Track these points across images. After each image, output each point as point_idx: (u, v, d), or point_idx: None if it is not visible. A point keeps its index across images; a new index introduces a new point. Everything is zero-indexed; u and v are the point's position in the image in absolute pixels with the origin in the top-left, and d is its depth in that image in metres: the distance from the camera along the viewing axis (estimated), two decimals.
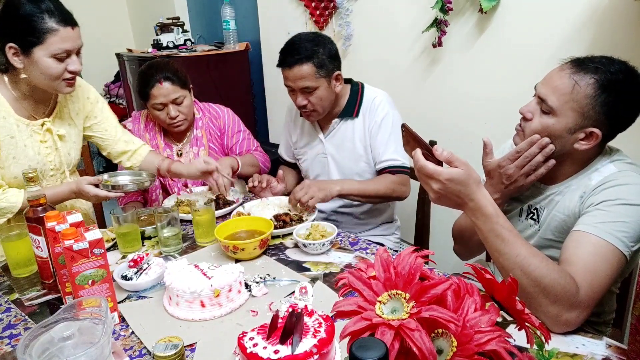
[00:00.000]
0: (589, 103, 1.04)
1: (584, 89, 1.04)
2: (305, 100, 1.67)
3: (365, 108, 1.75)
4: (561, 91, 1.06)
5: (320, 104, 1.69)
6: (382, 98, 1.76)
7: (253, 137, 2.09)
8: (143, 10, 4.01)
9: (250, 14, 3.02)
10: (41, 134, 1.51)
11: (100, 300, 0.92)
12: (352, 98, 1.77)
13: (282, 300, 1.15)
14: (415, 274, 0.70)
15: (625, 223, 0.99)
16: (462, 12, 1.95)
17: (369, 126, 1.74)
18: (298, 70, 1.62)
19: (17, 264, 1.32)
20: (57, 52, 1.37)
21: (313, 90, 1.65)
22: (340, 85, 1.72)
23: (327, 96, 1.69)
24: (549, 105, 1.07)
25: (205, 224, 1.47)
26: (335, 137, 1.80)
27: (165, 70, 1.82)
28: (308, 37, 1.66)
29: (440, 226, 2.05)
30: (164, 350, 0.86)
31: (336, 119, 1.78)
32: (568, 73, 1.06)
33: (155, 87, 1.79)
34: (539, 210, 1.20)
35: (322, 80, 1.65)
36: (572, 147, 1.09)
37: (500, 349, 0.64)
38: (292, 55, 1.62)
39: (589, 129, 1.05)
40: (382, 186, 1.69)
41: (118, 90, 4.00)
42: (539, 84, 1.13)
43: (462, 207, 0.97)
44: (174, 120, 1.84)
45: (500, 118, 1.94)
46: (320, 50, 1.63)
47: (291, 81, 1.66)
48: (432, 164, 0.93)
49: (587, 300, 0.95)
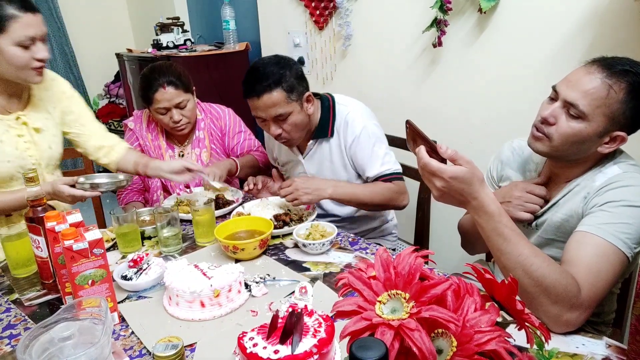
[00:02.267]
0: (620, 108, 1.02)
1: (617, 94, 1.02)
2: (279, 129, 1.58)
3: (338, 125, 1.66)
4: (593, 95, 1.02)
5: (295, 130, 1.60)
6: (354, 112, 1.65)
7: (254, 137, 2.09)
8: (143, 10, 4.01)
9: (250, 14, 3.02)
10: (17, 127, 1.49)
11: (100, 300, 0.92)
12: (325, 115, 1.67)
13: (282, 300, 1.15)
14: (415, 274, 0.70)
15: (628, 225, 0.99)
16: (461, 12, 1.95)
17: (346, 145, 1.65)
18: (268, 98, 1.51)
19: (17, 264, 1.32)
20: (21, 40, 1.35)
21: (286, 117, 1.55)
22: (312, 107, 1.62)
23: (302, 120, 1.59)
24: (580, 110, 1.03)
25: (205, 224, 1.47)
26: (313, 158, 1.73)
27: (168, 74, 1.79)
28: (271, 61, 1.56)
29: (440, 226, 2.06)
30: (164, 350, 0.86)
31: (311, 141, 1.70)
32: (599, 77, 1.03)
33: (158, 92, 1.77)
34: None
35: (294, 105, 1.55)
36: (596, 151, 1.08)
37: (500, 349, 0.64)
38: (259, 83, 1.51)
39: (615, 132, 1.05)
40: (377, 193, 1.61)
41: (118, 90, 4.00)
42: (563, 87, 1.08)
43: (465, 205, 0.97)
44: (178, 125, 1.83)
45: (500, 118, 1.94)
46: (287, 72, 1.53)
47: (262, 111, 1.55)
48: (436, 161, 0.93)
49: (588, 301, 0.95)
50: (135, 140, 1.94)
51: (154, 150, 1.93)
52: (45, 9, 3.73)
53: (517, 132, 1.21)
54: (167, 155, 1.93)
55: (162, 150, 1.93)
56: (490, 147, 1.42)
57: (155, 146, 1.93)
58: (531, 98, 1.19)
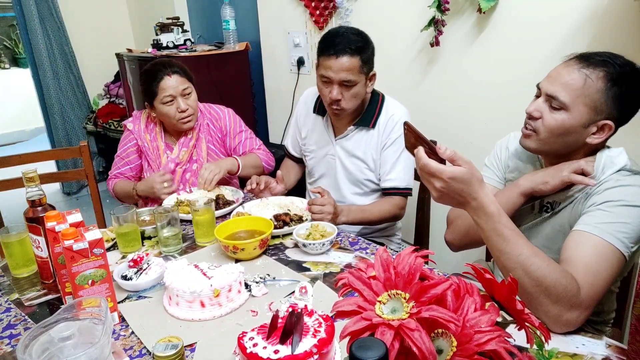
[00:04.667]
0: (600, 97, 1.04)
1: (595, 83, 1.04)
2: (340, 94, 1.60)
3: (382, 122, 1.71)
4: (572, 86, 1.06)
5: (353, 101, 1.64)
6: (400, 115, 1.71)
7: (255, 136, 2.08)
8: (143, 10, 4.01)
9: (250, 14, 3.02)
10: None
11: (100, 300, 0.92)
12: (371, 108, 1.73)
13: (282, 300, 1.15)
14: (415, 274, 0.70)
15: (626, 224, 1.00)
16: (461, 11, 1.95)
17: (383, 141, 1.71)
18: (346, 60, 1.55)
19: (17, 264, 1.32)
20: None
21: (352, 86, 1.59)
22: (372, 87, 1.69)
23: (361, 94, 1.64)
24: (561, 101, 1.07)
25: (205, 224, 1.47)
26: (347, 143, 1.77)
27: (171, 65, 1.85)
28: (355, 31, 1.62)
29: (440, 226, 2.05)
30: (164, 350, 0.86)
31: (352, 127, 1.74)
32: (576, 68, 1.06)
33: (164, 80, 1.81)
34: (553, 205, 1.19)
35: (362, 77, 1.60)
36: (585, 142, 1.09)
37: (500, 349, 0.65)
38: (344, 45, 1.55)
39: (601, 122, 1.06)
40: (384, 212, 1.69)
41: (118, 90, 4.00)
42: (544, 83, 1.12)
43: (464, 206, 0.97)
44: (184, 114, 1.83)
45: (499, 118, 1.94)
46: (368, 45, 1.60)
47: (333, 71, 1.57)
48: (435, 162, 0.93)
49: (587, 301, 0.95)
50: (133, 140, 1.94)
51: (153, 151, 1.92)
52: (45, 9, 3.73)
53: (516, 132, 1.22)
54: (164, 156, 1.92)
55: (160, 151, 1.93)
56: (489, 147, 1.42)
57: (154, 147, 1.93)
58: (530, 98, 1.19)
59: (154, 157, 1.92)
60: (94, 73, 4.14)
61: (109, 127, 3.88)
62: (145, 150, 1.92)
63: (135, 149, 1.95)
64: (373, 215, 1.69)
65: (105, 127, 3.93)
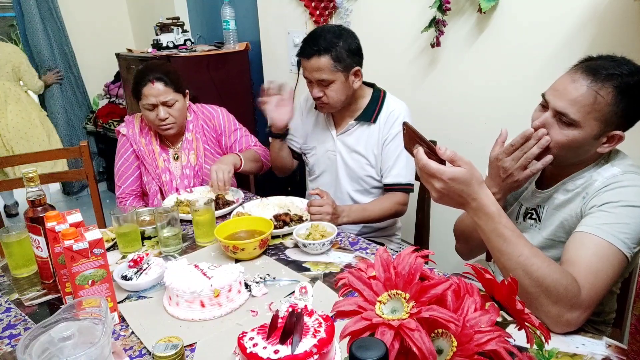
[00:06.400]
0: (611, 110, 1.03)
1: (605, 98, 1.03)
2: (320, 92, 1.67)
3: (383, 117, 1.73)
4: (581, 103, 1.03)
5: (335, 98, 1.67)
6: (401, 111, 1.74)
7: (250, 133, 2.08)
8: (143, 10, 4.01)
9: (250, 14, 3.02)
10: None
11: (100, 300, 0.92)
12: (372, 103, 1.75)
13: (282, 300, 1.15)
14: (415, 274, 0.70)
15: (627, 225, 1.00)
16: (461, 12, 1.95)
17: (384, 136, 1.73)
18: (315, 61, 1.61)
19: (17, 264, 1.32)
20: None
21: (329, 84, 1.64)
22: (359, 82, 1.70)
23: (343, 91, 1.67)
24: (571, 118, 1.04)
25: (205, 224, 1.47)
26: (348, 138, 1.79)
27: (159, 71, 1.81)
28: (331, 29, 1.65)
29: (440, 226, 2.05)
30: (164, 350, 0.86)
31: (352, 121, 1.77)
32: (585, 84, 1.04)
33: (147, 87, 1.79)
34: (537, 210, 1.20)
35: (339, 74, 1.63)
36: (595, 151, 1.09)
37: (500, 349, 0.64)
38: (310, 46, 1.62)
39: (611, 132, 1.06)
40: (385, 210, 1.71)
41: (118, 90, 4.00)
42: (551, 96, 1.09)
43: (464, 206, 0.96)
44: (162, 122, 1.82)
45: (499, 118, 1.94)
46: (340, 43, 1.62)
47: (308, 72, 1.66)
48: (435, 162, 0.93)
49: (588, 301, 0.95)
50: (129, 146, 1.92)
51: (149, 154, 1.91)
52: (45, 9, 3.73)
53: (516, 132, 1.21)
54: (160, 159, 1.92)
55: (155, 154, 1.92)
56: (489, 147, 1.41)
57: (150, 150, 1.92)
58: (531, 99, 1.19)
59: (150, 160, 1.91)
60: (94, 73, 4.15)
61: (109, 127, 3.88)
62: (142, 155, 1.91)
63: (133, 156, 1.93)
64: (374, 213, 1.70)
65: (105, 127, 3.93)
